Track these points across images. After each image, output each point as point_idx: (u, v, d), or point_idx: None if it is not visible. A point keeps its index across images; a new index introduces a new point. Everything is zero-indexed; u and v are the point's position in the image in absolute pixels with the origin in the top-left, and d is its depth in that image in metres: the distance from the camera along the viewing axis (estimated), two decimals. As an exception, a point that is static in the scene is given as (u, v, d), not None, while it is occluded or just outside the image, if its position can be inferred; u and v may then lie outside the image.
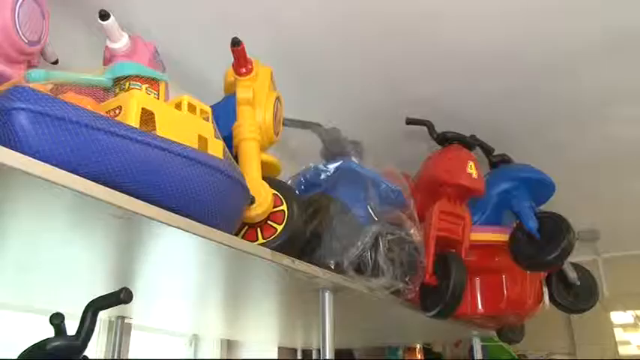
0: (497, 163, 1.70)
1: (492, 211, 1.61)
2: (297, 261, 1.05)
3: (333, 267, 1.15)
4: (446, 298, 1.40)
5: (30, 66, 0.97)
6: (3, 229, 0.86)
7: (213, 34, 1.33)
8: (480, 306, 1.64)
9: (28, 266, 1.04)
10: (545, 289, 1.74)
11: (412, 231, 1.35)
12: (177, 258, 1.01)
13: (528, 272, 1.63)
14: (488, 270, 1.63)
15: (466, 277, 1.42)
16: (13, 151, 0.64)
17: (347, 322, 1.61)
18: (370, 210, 1.28)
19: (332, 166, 1.28)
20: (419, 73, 1.59)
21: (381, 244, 1.25)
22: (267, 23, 1.36)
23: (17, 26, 0.88)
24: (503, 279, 1.62)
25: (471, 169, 1.51)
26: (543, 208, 1.60)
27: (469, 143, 1.61)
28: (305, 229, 1.12)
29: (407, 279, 1.30)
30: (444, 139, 1.60)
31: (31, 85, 0.72)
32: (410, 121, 1.62)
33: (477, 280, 1.64)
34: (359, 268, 1.21)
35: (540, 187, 1.59)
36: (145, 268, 1.06)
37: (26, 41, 0.91)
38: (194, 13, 1.32)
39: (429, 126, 1.62)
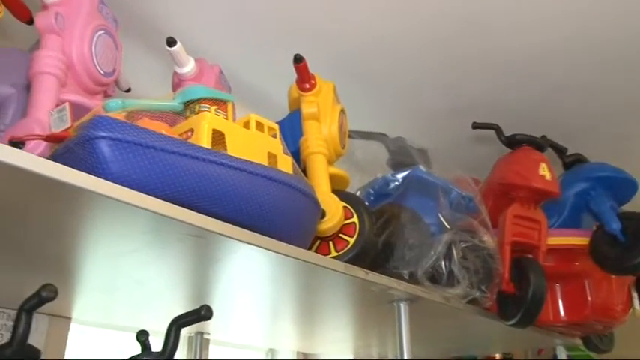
0: (572, 163, 1.64)
1: (570, 213, 1.55)
2: (370, 272, 1.05)
3: (407, 277, 1.14)
4: (525, 305, 1.35)
5: (106, 95, 1.02)
6: (87, 253, 0.90)
7: (274, 52, 1.35)
8: (562, 313, 1.57)
9: (110, 287, 1.08)
10: (635, 294, 1.65)
11: (485, 237, 1.32)
12: (252, 274, 1.03)
13: (613, 276, 1.55)
14: (568, 275, 1.56)
15: (545, 282, 1.37)
16: (97, 178, 0.67)
17: (423, 333, 1.59)
18: (442, 218, 1.26)
19: (400, 176, 1.27)
20: (475, 77, 1.56)
21: (454, 252, 1.22)
22: (325, 39, 1.37)
23: (94, 59, 0.94)
24: (586, 284, 1.55)
25: (544, 170, 1.46)
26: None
27: (540, 144, 1.55)
28: (377, 240, 1.12)
29: (483, 287, 1.26)
30: (513, 142, 1.56)
31: (109, 114, 0.76)
32: (476, 126, 1.59)
33: (558, 286, 1.58)
34: (433, 278, 1.19)
35: (621, 186, 1.51)
36: (221, 284, 1.08)
37: (102, 73, 0.96)
38: (255, 33, 1.34)
39: (497, 129, 1.58)
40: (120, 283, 1.06)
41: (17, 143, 0.77)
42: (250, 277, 1.05)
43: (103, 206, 0.71)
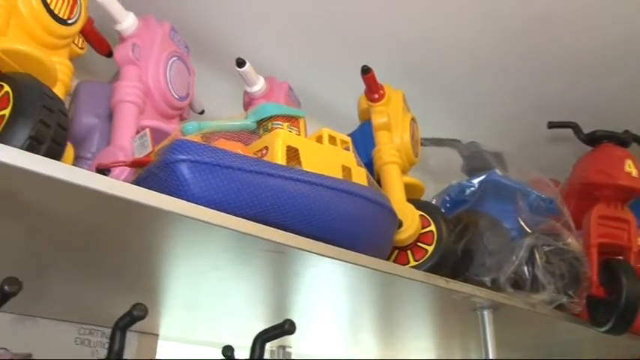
0: (661, 157, 1.55)
1: (662, 211, 1.46)
2: (451, 281, 1.03)
3: (489, 284, 1.11)
4: (619, 310, 1.28)
5: (181, 119, 1.06)
6: (172, 272, 0.94)
7: (342, 65, 1.36)
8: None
9: (193, 303, 1.12)
10: None
11: (569, 240, 1.26)
12: (331, 286, 1.03)
13: None
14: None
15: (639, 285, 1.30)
16: (179, 199, 0.69)
17: (509, 341, 1.53)
18: (521, 222, 1.22)
19: (476, 181, 1.25)
20: (550, 76, 1.51)
21: (537, 256, 1.18)
22: (393, 48, 1.37)
23: (169, 85, 0.97)
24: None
25: (630, 167, 1.39)
26: None
27: (623, 140, 1.48)
28: (455, 247, 1.10)
29: (570, 292, 1.21)
30: (594, 139, 1.49)
31: (187, 137, 0.78)
32: (553, 125, 1.53)
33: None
34: (517, 284, 1.16)
35: None
36: (300, 298, 1.09)
37: (177, 97, 1.00)
38: (322, 47, 1.36)
39: (575, 127, 1.52)
40: (202, 300, 1.10)
41: (103, 170, 0.81)
42: (329, 290, 1.05)
43: (185, 227, 0.73)
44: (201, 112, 1.19)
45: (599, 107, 1.63)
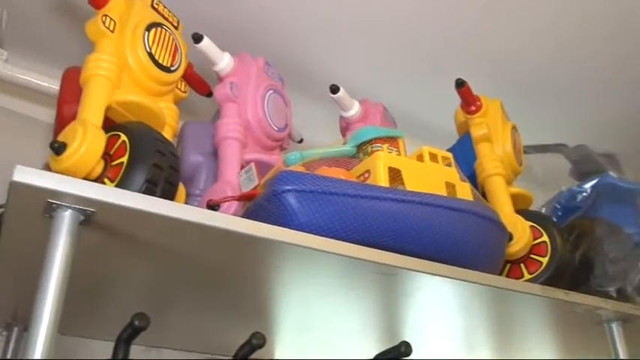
0: None
1: None
2: (571, 293, 0.98)
3: (614, 295, 1.04)
4: None
5: (282, 149, 1.09)
6: (282, 299, 0.95)
7: (436, 80, 1.35)
8: None
9: (305, 328, 1.13)
10: None
11: (700, 241, 1.17)
12: (444, 305, 1.01)
13: None
14: None
15: None
16: (288, 229, 0.71)
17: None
18: (645, 226, 1.14)
19: (588, 185, 1.18)
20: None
21: (667, 261, 1.10)
22: (487, 58, 1.34)
23: (268, 118, 1.01)
24: None
25: None
26: None
27: None
28: (572, 257, 1.05)
29: None
30: None
31: (290, 167, 0.80)
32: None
33: None
34: (646, 293, 1.08)
35: None
36: (411, 318, 1.08)
37: (276, 129, 1.03)
38: (413, 64, 1.35)
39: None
40: (315, 324, 1.11)
41: (214, 206, 0.84)
42: (442, 308, 1.03)
43: (296, 255, 0.75)
44: (300, 141, 1.22)
45: None
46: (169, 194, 0.74)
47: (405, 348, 0.86)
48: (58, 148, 0.69)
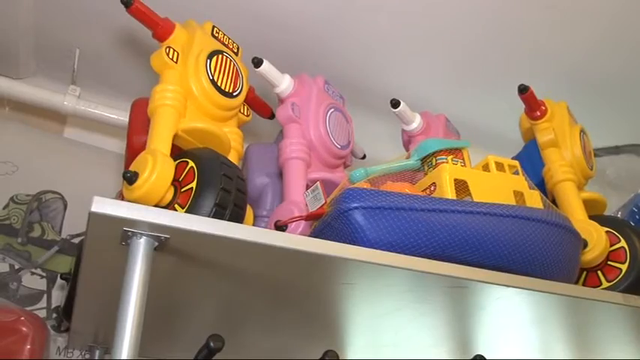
0: None
1: None
2: (656, 301, 0.93)
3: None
4: None
5: (345, 166, 1.09)
6: (353, 316, 0.96)
7: (496, 86, 1.33)
8: None
9: (377, 343, 1.12)
10: None
11: None
12: (518, 317, 0.98)
13: None
14: None
15: None
16: (357, 247, 0.72)
17: None
18: None
19: (666, 186, 1.13)
20: None
21: None
22: (552, 59, 1.30)
23: (330, 136, 1.01)
24: None
25: None
26: None
27: None
28: (654, 263, 1.00)
29: None
30: None
31: (355, 184, 0.81)
32: None
33: None
34: None
35: None
36: (486, 331, 1.05)
37: (339, 147, 1.03)
38: (473, 73, 1.33)
39: None
40: (386, 340, 1.10)
41: (282, 227, 0.86)
42: (516, 320, 1.00)
43: (365, 272, 0.75)
44: (363, 157, 1.22)
45: None
46: (238, 217, 0.75)
47: (480, 362, 0.84)
48: (131, 178, 0.72)
